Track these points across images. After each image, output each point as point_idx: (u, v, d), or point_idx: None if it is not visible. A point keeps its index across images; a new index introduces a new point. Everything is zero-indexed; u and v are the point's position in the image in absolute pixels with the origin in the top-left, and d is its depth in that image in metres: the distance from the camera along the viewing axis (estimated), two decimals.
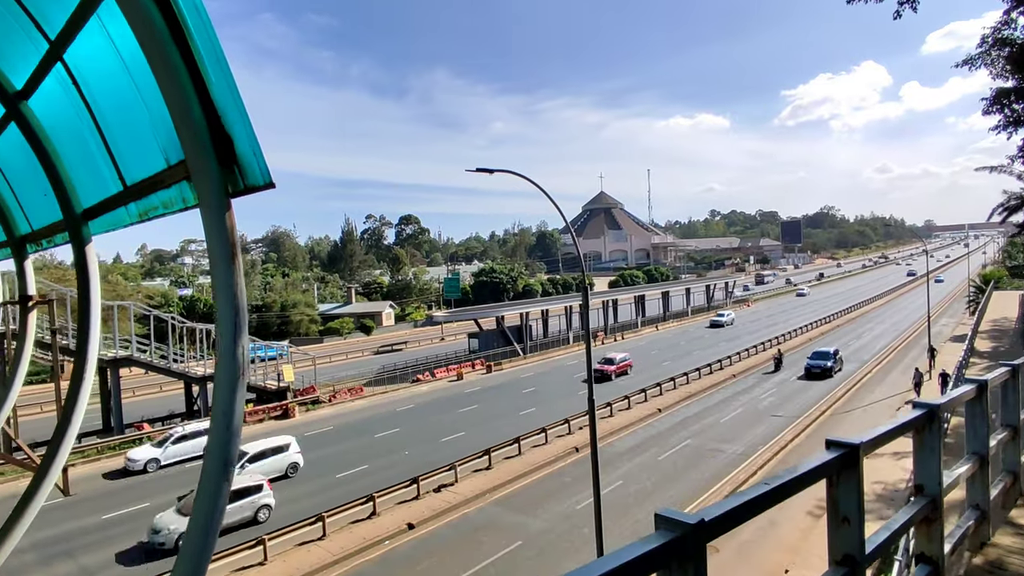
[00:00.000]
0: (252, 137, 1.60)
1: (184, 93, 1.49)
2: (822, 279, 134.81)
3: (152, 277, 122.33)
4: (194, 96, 1.53)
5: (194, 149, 1.57)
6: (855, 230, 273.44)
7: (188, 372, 33.73)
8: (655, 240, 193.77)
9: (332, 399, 38.39)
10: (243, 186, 1.62)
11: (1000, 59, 15.00)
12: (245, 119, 1.57)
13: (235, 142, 1.59)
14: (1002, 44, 14.83)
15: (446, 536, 19.17)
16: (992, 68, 15.86)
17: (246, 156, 1.59)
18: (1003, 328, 39.32)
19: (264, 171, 1.59)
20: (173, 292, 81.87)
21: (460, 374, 45.47)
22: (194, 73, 1.51)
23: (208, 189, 1.58)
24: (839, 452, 2.12)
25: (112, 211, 2.44)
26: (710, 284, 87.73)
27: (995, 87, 16.15)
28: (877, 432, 2.38)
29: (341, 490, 22.87)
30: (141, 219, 2.31)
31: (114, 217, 2.49)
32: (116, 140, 2.13)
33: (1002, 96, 15.52)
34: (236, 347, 1.58)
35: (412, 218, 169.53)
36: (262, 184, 1.60)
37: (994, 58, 15.42)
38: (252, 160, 1.59)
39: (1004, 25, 14.85)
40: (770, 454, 25.67)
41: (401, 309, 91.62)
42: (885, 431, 2.46)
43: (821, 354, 40.88)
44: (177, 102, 1.49)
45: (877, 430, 2.43)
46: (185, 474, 25.68)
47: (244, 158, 1.59)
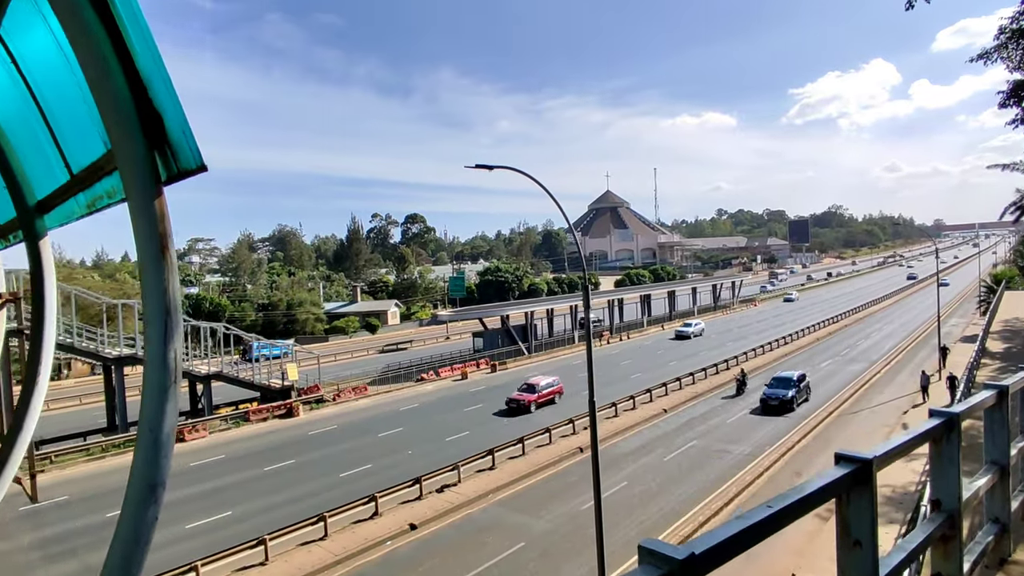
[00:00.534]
0: (182, 115, 1.41)
1: (105, 64, 1.31)
2: (829, 278, 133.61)
3: None
4: (117, 68, 1.35)
5: (119, 128, 1.38)
6: (863, 229, 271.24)
7: (192, 371, 33.74)
8: (661, 239, 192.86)
9: (336, 398, 38.33)
10: (176, 170, 1.44)
11: (1018, 51, 14.64)
12: (173, 95, 1.38)
13: (165, 120, 1.40)
14: (1020, 36, 14.48)
15: (449, 537, 19.02)
16: (1009, 62, 15.48)
17: (176, 136, 1.40)
18: (1015, 328, 38.74)
19: (196, 153, 1.41)
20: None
21: (464, 373, 45.32)
22: (117, 42, 1.33)
23: (134, 172, 1.39)
24: (849, 468, 1.93)
25: (63, 203, 2.28)
26: (716, 284, 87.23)
27: (1012, 80, 15.80)
28: (891, 445, 2.18)
29: (344, 490, 22.77)
30: (90, 210, 2.14)
31: (66, 209, 2.32)
32: (59, 123, 1.97)
33: (1020, 88, 15.15)
34: (167, 352, 1.39)
35: (418, 217, 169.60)
36: (194, 167, 1.42)
37: (1011, 51, 15.05)
38: (183, 141, 1.40)
39: (1022, 16, 14.49)
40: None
41: (406, 308, 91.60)
42: (900, 444, 2.26)
43: (781, 381, 32.91)
44: (98, 75, 1.31)
45: (891, 443, 2.23)
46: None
47: (174, 137, 1.40)
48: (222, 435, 31.79)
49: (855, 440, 26.72)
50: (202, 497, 22.95)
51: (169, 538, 19.44)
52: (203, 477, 25.22)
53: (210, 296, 74.96)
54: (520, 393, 34.16)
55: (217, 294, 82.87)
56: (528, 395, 33.81)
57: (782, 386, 32.31)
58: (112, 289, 68.00)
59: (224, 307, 72.43)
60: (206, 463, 27.09)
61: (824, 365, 44.02)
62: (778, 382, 32.89)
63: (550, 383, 35.31)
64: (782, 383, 32.64)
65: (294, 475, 25.21)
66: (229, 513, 21.31)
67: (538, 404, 33.65)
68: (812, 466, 23.91)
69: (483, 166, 9.60)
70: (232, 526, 20.22)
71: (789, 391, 31.75)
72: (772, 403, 31.42)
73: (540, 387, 34.42)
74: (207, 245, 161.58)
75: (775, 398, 31.50)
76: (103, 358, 31.50)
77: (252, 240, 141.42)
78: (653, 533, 18.69)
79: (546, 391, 34.68)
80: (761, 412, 31.43)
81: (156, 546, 7.91)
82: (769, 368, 43.96)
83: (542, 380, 35.26)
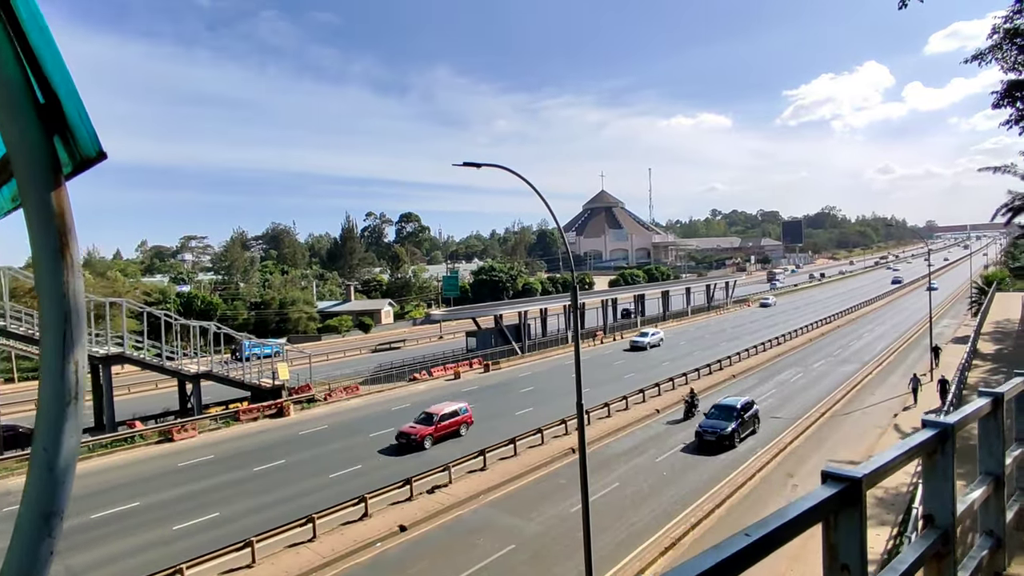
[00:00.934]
0: (77, 97, 1.24)
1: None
2: (822, 279, 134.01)
3: (152, 273, 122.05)
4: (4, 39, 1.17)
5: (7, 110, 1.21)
6: (856, 230, 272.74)
7: (181, 369, 33.45)
8: (656, 239, 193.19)
9: (327, 398, 38.06)
10: (78, 158, 1.27)
11: (1012, 51, 14.56)
12: (66, 73, 1.21)
13: (61, 101, 1.23)
14: (1014, 35, 14.41)
15: (439, 538, 18.85)
16: (1003, 62, 15.40)
17: (73, 120, 1.23)
18: (1006, 330, 38.89)
19: (93, 138, 1.24)
20: (172, 289, 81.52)
21: (457, 373, 45.13)
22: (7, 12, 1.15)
23: (27, 161, 1.21)
24: (837, 488, 1.78)
25: None
26: (710, 284, 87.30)
27: (1006, 80, 15.73)
28: (882, 461, 2.04)
29: (334, 490, 22.56)
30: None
31: None
32: None
33: (1014, 89, 15.09)
34: (66, 364, 1.22)
35: (412, 216, 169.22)
36: (94, 155, 1.25)
37: (1005, 51, 14.98)
38: (80, 126, 1.23)
39: (1016, 14, 14.43)
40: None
41: (400, 307, 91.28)
42: (891, 459, 2.11)
43: (722, 410, 27.35)
44: None
45: (882, 457, 2.08)
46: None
47: (72, 122, 1.23)
48: (212, 435, 31.48)
49: (849, 442, 26.74)
50: (189, 498, 22.70)
51: (155, 540, 19.23)
52: (191, 477, 24.96)
53: (202, 294, 74.42)
54: (413, 425, 28.35)
55: (209, 292, 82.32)
56: (423, 428, 27.98)
57: (722, 416, 26.85)
58: (103, 287, 67.38)
59: (216, 305, 71.93)
60: (195, 463, 26.81)
61: (817, 366, 44.10)
62: (719, 412, 27.33)
63: (454, 411, 29.56)
64: (723, 413, 27.12)
65: (283, 475, 24.97)
66: (217, 514, 21.07)
67: (436, 438, 28.02)
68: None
69: (471, 164, 9.44)
70: (219, 527, 19.99)
71: (729, 424, 26.22)
72: (708, 438, 25.90)
73: (439, 417, 28.51)
74: (200, 243, 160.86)
75: (712, 432, 25.99)
76: (90, 356, 31.09)
77: (245, 238, 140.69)
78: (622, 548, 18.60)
79: (447, 422, 28.81)
80: (695, 449, 26.04)
81: (141, 548, 7.78)
82: (755, 372, 44.00)
83: (445, 408, 29.46)
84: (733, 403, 27.96)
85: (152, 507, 21.92)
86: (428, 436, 27.79)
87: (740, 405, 27.68)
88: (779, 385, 38.47)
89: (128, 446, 29.31)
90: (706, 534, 18.49)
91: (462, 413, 29.99)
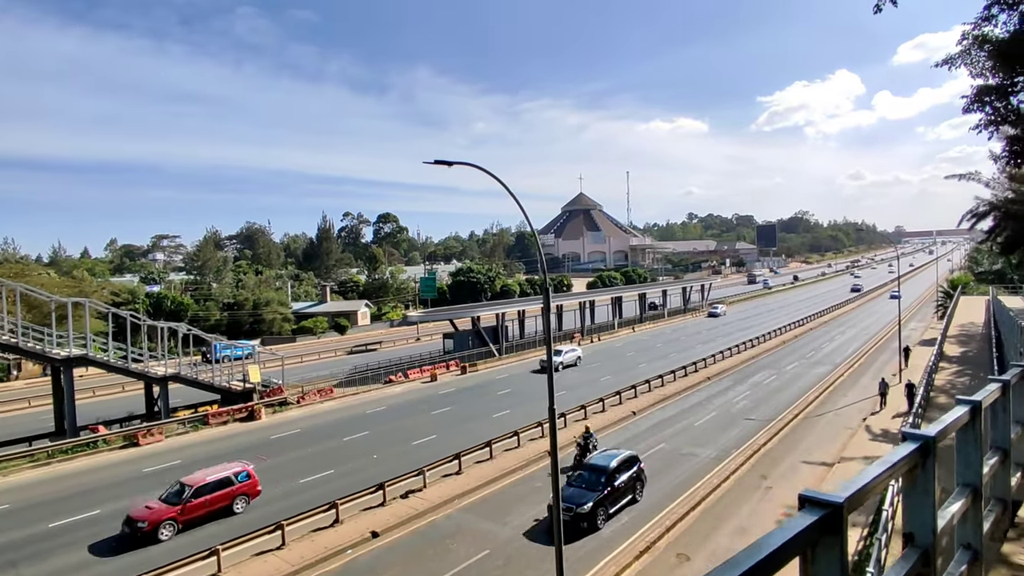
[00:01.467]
0: None
1: None
2: (796, 282, 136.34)
3: (122, 273, 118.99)
4: None
5: None
6: (828, 235, 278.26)
7: (148, 372, 32.44)
8: (633, 242, 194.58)
9: (300, 400, 37.33)
10: None
11: (981, 57, 14.87)
12: None
13: None
14: (983, 42, 14.71)
15: (412, 545, 18.50)
16: (971, 67, 15.78)
17: None
18: (971, 333, 39.91)
19: None
20: (141, 289, 79.45)
21: (434, 375, 44.70)
22: None
23: None
24: (816, 515, 1.60)
25: None
26: (686, 287, 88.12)
27: (976, 85, 16.09)
28: (864, 481, 1.87)
29: (304, 496, 22.03)
30: None
31: None
32: None
33: (983, 94, 15.42)
34: None
35: (391, 216, 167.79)
36: None
37: (974, 57, 15.32)
38: None
39: (984, 21, 14.76)
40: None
41: (377, 308, 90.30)
42: (873, 477, 1.95)
43: (590, 472, 20.16)
44: None
45: (863, 478, 1.92)
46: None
47: None
48: (179, 439, 30.60)
49: (822, 443, 27.04)
50: None
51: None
52: (155, 484, 24.07)
53: (172, 295, 72.63)
54: (148, 508, 19.46)
55: (180, 293, 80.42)
56: (165, 509, 19.35)
57: (586, 485, 19.54)
58: (69, 287, 65.29)
59: (187, 306, 70.26)
60: (160, 469, 25.98)
61: (790, 368, 44.68)
62: (586, 475, 20.10)
63: (224, 480, 20.87)
64: (589, 477, 19.88)
65: None
66: None
67: (184, 523, 19.54)
68: None
69: (442, 162, 9.20)
70: None
71: (589, 498, 18.82)
72: (564, 516, 15.52)
73: (194, 490, 19.88)
74: (172, 242, 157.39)
75: (568, 507, 18.06)
76: (50, 359, 30.00)
77: (219, 237, 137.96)
78: None
79: (206, 497, 20.17)
80: (544, 533, 18.46)
81: (101, 560, 7.18)
82: (729, 374, 44.38)
83: (209, 475, 20.71)
84: (605, 464, 20.29)
85: (115, 515, 21.07)
86: (169, 521, 19.11)
87: (612, 467, 20.07)
88: (753, 387, 38.86)
89: (91, 451, 28.32)
90: (682, 535, 18.46)
91: (239, 481, 21.17)
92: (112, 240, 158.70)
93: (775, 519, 19.45)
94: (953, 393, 27.20)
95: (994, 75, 15.36)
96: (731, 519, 19.59)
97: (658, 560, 17.01)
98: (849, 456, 24.32)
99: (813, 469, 23.73)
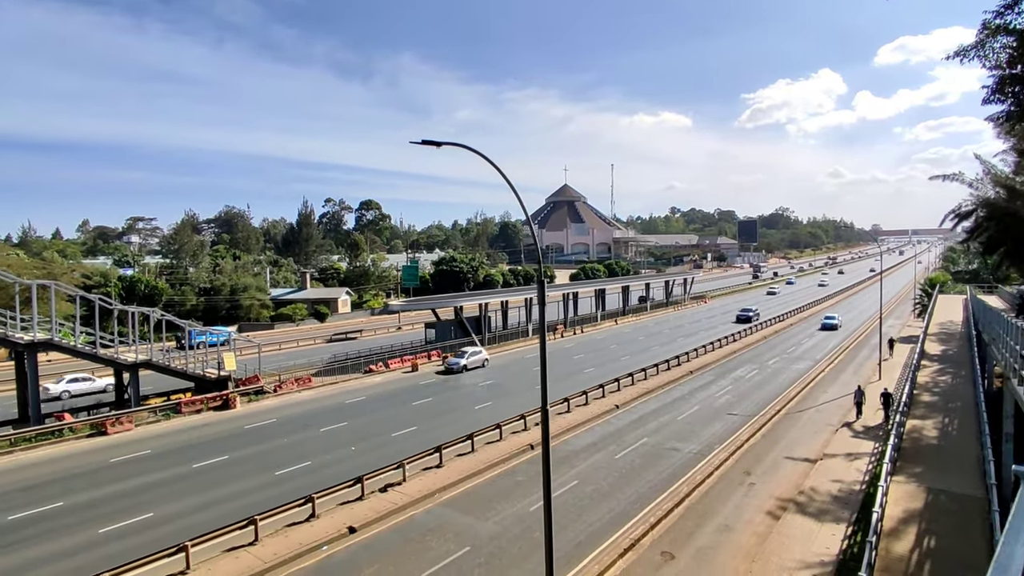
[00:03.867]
0: None
1: None
2: (776, 277, 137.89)
3: (95, 255, 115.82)
4: None
5: None
6: (808, 231, 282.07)
7: (117, 358, 31.25)
8: (616, 234, 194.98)
9: (277, 389, 36.43)
10: None
11: (995, 48, 14.54)
12: None
13: None
14: (1005, 32, 14.39)
15: (390, 541, 17.94)
16: (986, 60, 15.46)
17: None
18: (950, 331, 40.47)
19: None
20: (114, 272, 77.14)
21: (415, 365, 44.03)
22: None
23: None
24: None
25: None
26: (669, 280, 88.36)
27: (996, 75, 15.75)
28: None
29: (279, 489, 21.34)
30: None
31: None
32: None
33: (1005, 84, 15.11)
34: None
35: (373, 203, 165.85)
36: None
37: (988, 48, 14.97)
38: None
39: (1007, 9, 14.43)
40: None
41: (358, 296, 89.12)
42: None
43: None
44: None
45: None
46: None
47: None
48: (150, 428, 29.59)
49: (804, 439, 27.00)
50: (121, 496, 21.10)
51: (79, 544, 17.71)
52: (124, 474, 23.28)
53: (146, 279, 70.62)
54: None
55: (155, 276, 78.36)
56: None
57: None
58: (38, 268, 63.16)
59: (162, 290, 68.44)
60: (129, 459, 25.05)
61: (772, 363, 44.82)
62: None
63: None
64: None
65: (225, 472, 23.54)
66: (151, 515, 19.58)
67: None
68: None
69: (431, 142, 8.57)
70: (153, 529, 18.56)
71: None
72: None
73: None
74: (148, 225, 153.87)
75: None
76: (13, 343, 28.69)
77: (196, 221, 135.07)
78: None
79: None
80: None
81: (62, 554, 6.07)
82: (711, 368, 44.37)
83: None
84: None
85: (78, 507, 20.26)
86: None
87: None
88: (736, 381, 38.84)
89: (55, 440, 27.24)
90: (666, 532, 18.17)
91: None
92: (85, 221, 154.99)
93: (763, 511, 19.29)
94: (936, 392, 27.35)
95: (1016, 65, 15.02)
96: (715, 516, 19.36)
97: (642, 558, 16.69)
98: (832, 453, 24.30)
99: (796, 465, 23.63)
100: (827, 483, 20.96)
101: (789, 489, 21.15)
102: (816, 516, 18.31)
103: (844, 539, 16.75)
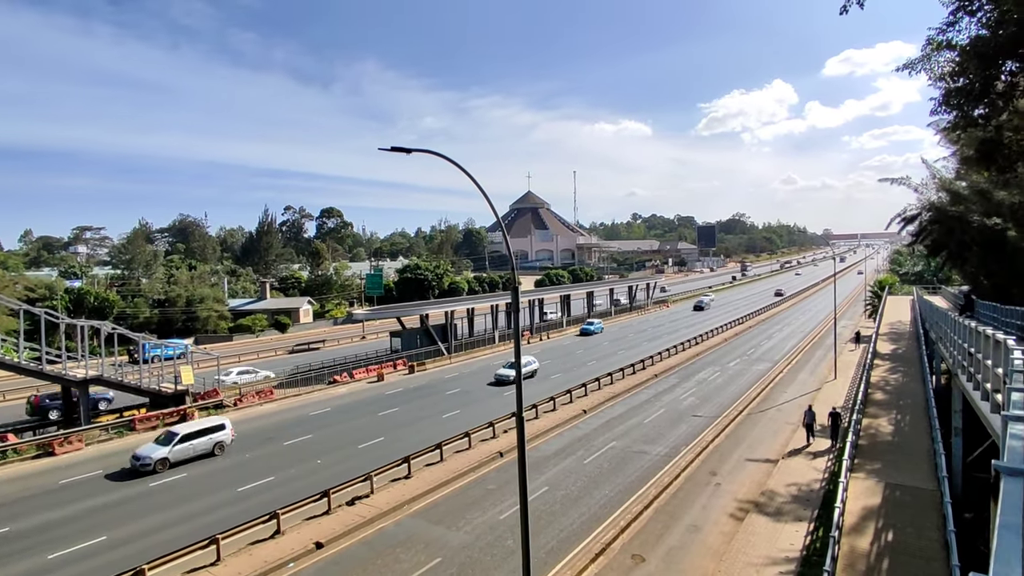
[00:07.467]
0: None
1: None
2: (733, 281, 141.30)
3: (39, 267, 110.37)
4: None
5: None
6: (763, 236, 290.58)
7: (65, 374, 29.79)
8: (580, 241, 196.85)
9: (238, 403, 35.35)
10: None
11: (941, 61, 15.46)
12: None
13: None
14: (948, 47, 15.27)
15: (359, 555, 17.58)
16: (932, 73, 16.40)
17: None
18: (899, 331, 42.25)
19: None
20: (60, 284, 73.59)
21: (381, 375, 43.40)
22: None
23: None
24: None
25: None
26: (632, 285, 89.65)
27: (942, 87, 16.67)
28: None
29: (241, 506, 20.69)
30: None
31: None
32: None
33: (950, 96, 15.96)
34: None
35: (334, 211, 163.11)
36: None
37: (934, 62, 15.89)
38: None
39: (949, 27, 15.33)
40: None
41: (320, 306, 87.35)
42: None
43: None
44: None
45: None
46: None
47: None
48: (102, 446, 28.28)
49: (765, 439, 27.69)
50: (72, 520, 20.08)
51: (30, 571, 16.80)
52: (74, 496, 22.16)
53: (95, 291, 67.68)
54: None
55: (104, 288, 75.14)
56: None
57: None
58: None
59: (112, 302, 65.69)
60: (78, 480, 23.88)
61: (732, 365, 45.90)
62: None
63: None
64: None
65: (184, 491, 22.68)
66: (104, 538, 18.68)
67: None
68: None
69: (400, 149, 8.50)
70: (107, 553, 17.72)
71: None
72: None
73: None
74: (96, 234, 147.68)
75: None
76: None
77: (150, 230, 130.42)
78: None
79: None
80: None
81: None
82: (674, 372, 45.13)
83: None
84: None
85: (26, 532, 19.18)
86: None
87: None
88: (699, 384, 39.62)
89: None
90: (636, 535, 18.34)
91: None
92: (27, 231, 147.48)
93: (726, 514, 19.67)
94: (888, 390, 28.46)
95: (959, 78, 15.89)
96: (684, 517, 19.66)
97: (614, 562, 16.79)
98: (792, 450, 25.00)
99: (759, 466, 24.21)
100: (785, 484, 21.50)
101: (753, 488, 21.65)
102: (778, 515, 18.77)
103: (807, 535, 17.22)
